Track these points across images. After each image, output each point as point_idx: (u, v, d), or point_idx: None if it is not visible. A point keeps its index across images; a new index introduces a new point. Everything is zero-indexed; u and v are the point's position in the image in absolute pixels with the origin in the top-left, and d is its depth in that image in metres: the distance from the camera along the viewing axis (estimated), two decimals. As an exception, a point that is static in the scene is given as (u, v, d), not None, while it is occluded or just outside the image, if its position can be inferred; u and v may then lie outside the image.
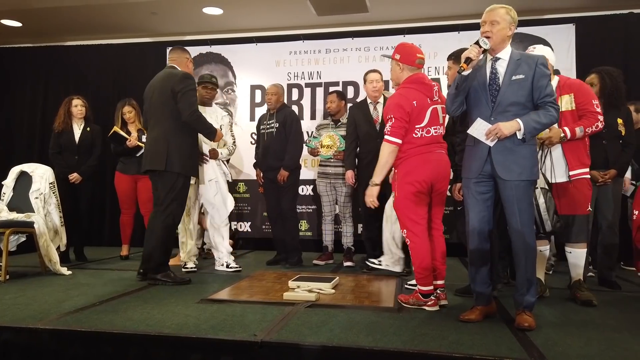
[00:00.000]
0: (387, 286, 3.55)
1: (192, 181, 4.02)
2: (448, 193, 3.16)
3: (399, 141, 2.86)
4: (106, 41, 6.42)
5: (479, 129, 2.53)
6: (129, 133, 4.83)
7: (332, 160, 4.59)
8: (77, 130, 4.83)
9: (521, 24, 5.30)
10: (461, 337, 2.34)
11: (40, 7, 5.50)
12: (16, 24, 6.06)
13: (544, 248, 3.16)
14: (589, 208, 3.11)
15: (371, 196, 2.95)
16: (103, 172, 6.19)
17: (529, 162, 2.50)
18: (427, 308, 2.86)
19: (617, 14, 5.26)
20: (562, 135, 2.97)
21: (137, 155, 4.76)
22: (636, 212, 3.45)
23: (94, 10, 5.59)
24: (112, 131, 4.71)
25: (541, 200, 2.85)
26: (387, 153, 2.88)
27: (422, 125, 2.87)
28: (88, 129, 4.86)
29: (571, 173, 3.04)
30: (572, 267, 3.17)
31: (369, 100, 4.38)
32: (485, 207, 2.59)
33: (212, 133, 3.81)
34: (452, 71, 3.28)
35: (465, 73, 2.52)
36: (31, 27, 6.15)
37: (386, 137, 2.89)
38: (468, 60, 2.46)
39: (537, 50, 3.14)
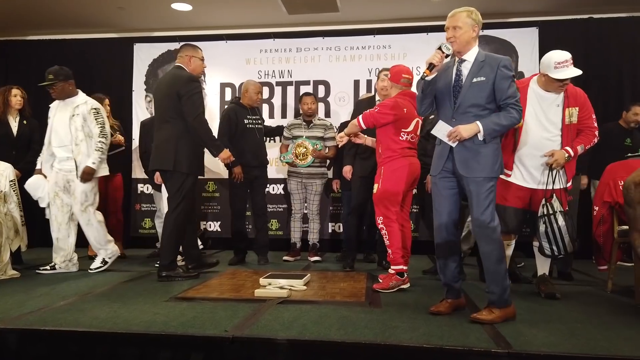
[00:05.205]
0: (357, 282, 3.57)
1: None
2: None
3: (364, 126, 3.35)
4: (71, 36, 6.20)
5: (440, 130, 2.61)
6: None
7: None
8: (14, 122, 4.60)
9: (487, 26, 5.49)
10: (431, 329, 2.38)
11: (0, -1, 5.31)
12: (-26, 16, 5.83)
13: (510, 242, 3.23)
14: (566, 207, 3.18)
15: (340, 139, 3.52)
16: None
17: (490, 160, 2.55)
18: (403, 286, 3.29)
19: (577, 18, 5.45)
20: (567, 155, 2.99)
21: (109, 154, 4.56)
22: (596, 208, 3.55)
23: (57, 3, 5.41)
24: None
25: (562, 223, 2.94)
26: (352, 123, 3.43)
27: (408, 130, 3.36)
28: (25, 122, 4.64)
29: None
30: (539, 261, 3.26)
31: (377, 97, 4.25)
32: (452, 202, 2.67)
33: (212, 142, 3.80)
34: None
35: (428, 78, 2.59)
36: (-10, 20, 5.92)
37: (359, 116, 3.35)
38: (431, 66, 2.53)
39: None
